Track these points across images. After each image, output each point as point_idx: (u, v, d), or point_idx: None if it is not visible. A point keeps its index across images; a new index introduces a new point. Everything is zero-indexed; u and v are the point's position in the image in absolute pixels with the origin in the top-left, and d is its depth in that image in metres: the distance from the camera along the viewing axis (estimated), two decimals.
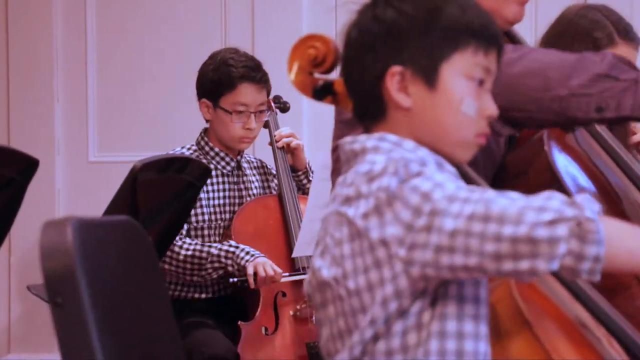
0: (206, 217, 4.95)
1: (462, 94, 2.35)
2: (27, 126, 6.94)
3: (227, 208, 5.01)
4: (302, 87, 2.63)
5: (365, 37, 2.38)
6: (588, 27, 3.78)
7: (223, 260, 4.76)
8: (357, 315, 2.28)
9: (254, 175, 5.18)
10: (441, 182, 2.20)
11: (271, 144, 5.16)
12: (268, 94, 5.11)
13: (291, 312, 4.77)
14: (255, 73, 4.97)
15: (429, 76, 2.33)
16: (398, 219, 2.19)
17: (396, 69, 2.33)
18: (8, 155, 3.18)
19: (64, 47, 6.93)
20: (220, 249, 4.78)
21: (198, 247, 4.79)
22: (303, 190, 5.07)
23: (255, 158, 5.34)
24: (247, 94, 4.90)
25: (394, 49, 2.34)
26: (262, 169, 5.26)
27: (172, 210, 4.17)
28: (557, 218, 2.10)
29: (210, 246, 4.80)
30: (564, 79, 2.86)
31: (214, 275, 4.80)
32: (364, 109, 2.42)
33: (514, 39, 3.29)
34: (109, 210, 3.79)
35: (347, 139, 2.39)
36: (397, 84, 2.33)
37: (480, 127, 2.38)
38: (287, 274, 4.80)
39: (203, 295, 4.99)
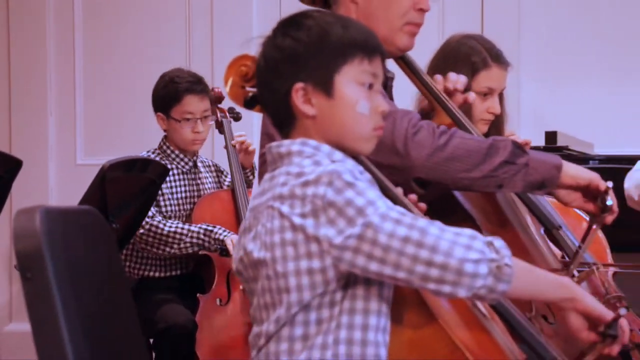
0: (171, 207, 4.97)
1: (356, 98, 2.37)
2: (25, 136, 6.91)
3: (188, 200, 5.02)
4: (235, 98, 2.64)
5: (270, 63, 2.40)
6: (467, 52, 3.79)
7: (202, 237, 4.78)
8: (282, 293, 2.29)
9: (208, 173, 5.19)
10: (373, 200, 2.23)
11: (226, 147, 5.15)
12: (211, 102, 5.12)
13: (241, 287, 4.68)
14: (196, 86, 5.00)
15: (326, 87, 2.35)
16: (332, 223, 2.22)
17: (299, 85, 2.35)
18: None
19: (56, 71, 6.87)
20: (200, 228, 4.81)
21: (180, 225, 4.82)
22: (249, 184, 5.06)
23: (209, 160, 5.34)
24: (191, 103, 4.94)
25: (295, 70, 2.36)
26: (214, 167, 5.27)
27: (136, 203, 4.18)
28: (481, 258, 2.20)
29: (190, 225, 4.84)
30: (479, 164, 2.90)
31: (190, 250, 4.82)
32: (280, 120, 2.43)
33: (408, 64, 3.29)
34: (82, 203, 3.80)
35: (274, 143, 2.41)
36: (301, 97, 2.35)
37: (375, 122, 2.41)
38: None
39: (168, 274, 5.00)
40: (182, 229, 4.82)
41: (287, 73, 2.38)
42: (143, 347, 2.78)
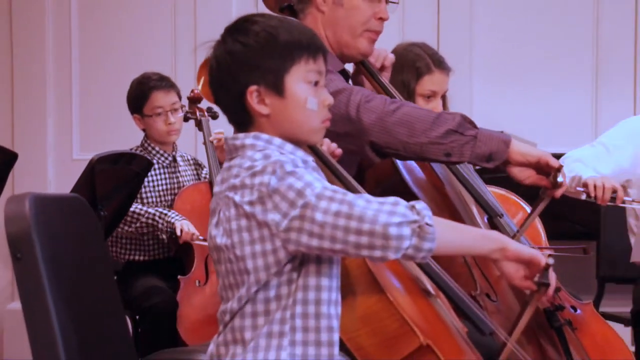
0: (152, 199, 4.97)
1: (305, 96, 2.36)
2: (26, 134, 6.88)
3: (168, 191, 5.02)
4: (207, 95, 2.65)
5: (223, 67, 2.38)
6: (412, 59, 3.79)
7: (156, 218, 4.78)
8: (243, 275, 2.30)
9: (187, 166, 5.18)
10: (310, 182, 2.23)
11: (204, 143, 5.12)
12: (191, 102, 5.14)
13: None
14: (161, 82, 5.03)
15: (278, 88, 2.34)
16: (277, 208, 2.22)
17: (253, 87, 2.33)
18: None
19: (55, 76, 6.84)
20: (156, 210, 4.83)
21: (140, 207, 4.82)
22: None
23: (188, 154, 5.34)
24: (159, 98, 4.96)
25: (247, 73, 2.34)
26: (193, 161, 5.27)
27: (123, 193, 4.18)
28: (404, 221, 2.18)
29: (149, 208, 4.84)
30: (426, 130, 2.89)
31: (145, 230, 4.82)
32: (236, 118, 2.42)
33: (366, 67, 3.30)
34: (73, 192, 3.79)
35: (230, 136, 2.40)
36: (256, 98, 2.33)
37: (323, 115, 2.40)
38: (202, 238, 4.79)
39: (151, 258, 5.00)
40: (141, 209, 4.83)
41: (241, 76, 2.36)
42: (124, 321, 2.77)
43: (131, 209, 4.76)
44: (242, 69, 2.36)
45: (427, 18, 6.29)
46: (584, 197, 3.97)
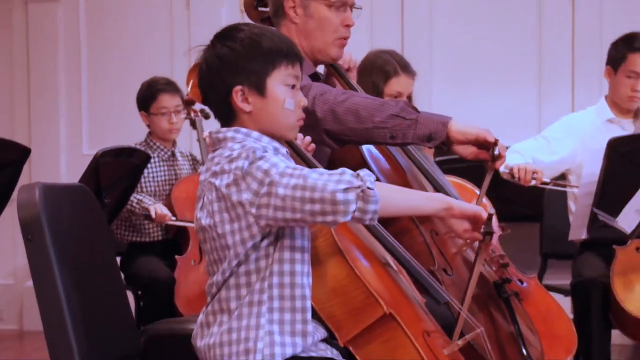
0: (152, 188, 4.95)
1: (283, 97, 2.39)
2: (41, 132, 6.89)
3: (167, 182, 5.00)
4: (195, 96, 2.64)
5: (212, 69, 2.40)
6: (381, 63, 3.81)
7: (134, 204, 4.74)
8: (225, 250, 2.32)
9: (185, 161, 5.15)
10: (276, 163, 2.25)
11: (198, 140, 5.14)
12: (186, 104, 5.11)
13: None
14: (168, 87, 5.02)
15: (260, 89, 2.37)
16: (249, 188, 2.24)
17: (238, 87, 2.36)
18: (10, 145, 3.17)
19: (66, 82, 6.85)
20: (135, 197, 4.75)
21: (133, 196, 4.75)
22: None
23: (187, 151, 5.32)
24: (165, 100, 4.95)
25: (233, 74, 2.37)
26: (191, 157, 5.24)
27: (124, 183, 4.17)
28: (349, 187, 2.19)
29: (136, 197, 4.78)
30: (370, 116, 2.89)
31: (125, 215, 4.78)
32: (222, 114, 2.43)
33: (336, 69, 3.30)
34: (80, 182, 3.76)
35: (215, 129, 2.43)
36: (240, 97, 2.36)
37: (298, 114, 2.44)
38: (174, 218, 4.81)
39: (152, 239, 4.97)
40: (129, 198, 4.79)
41: (227, 77, 2.38)
42: (124, 294, 2.75)
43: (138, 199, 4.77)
44: (229, 71, 2.38)
45: (392, 27, 6.30)
46: (510, 178, 4.00)
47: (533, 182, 3.93)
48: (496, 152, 2.90)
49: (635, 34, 4.41)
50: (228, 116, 2.42)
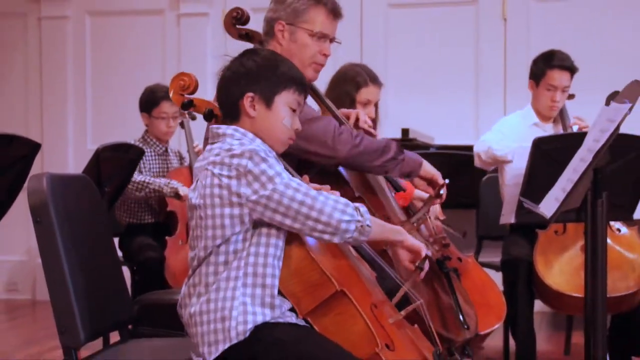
0: (150, 177, 4.89)
1: (284, 115, 2.42)
2: (52, 130, 6.89)
3: (160, 173, 4.95)
4: (176, 101, 2.64)
5: (234, 75, 2.42)
6: (353, 75, 3.77)
7: (163, 186, 4.68)
8: (209, 229, 2.31)
9: (174, 157, 5.11)
10: (280, 172, 2.29)
11: (186, 139, 5.09)
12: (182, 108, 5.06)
13: None
14: (168, 94, 4.92)
15: (268, 102, 2.40)
16: (249, 185, 2.26)
17: (250, 94, 2.39)
18: (23, 141, 3.14)
19: (73, 87, 6.88)
20: (161, 180, 4.73)
21: (152, 179, 4.71)
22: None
23: (175, 148, 5.27)
24: (166, 106, 4.88)
25: (250, 83, 2.39)
26: (178, 154, 5.19)
27: (121, 174, 4.14)
28: (352, 220, 2.31)
29: (157, 180, 4.73)
30: (376, 159, 3.04)
31: (153, 195, 4.72)
32: (228, 113, 2.43)
33: (314, 90, 3.29)
34: (83, 173, 3.73)
35: (215, 125, 2.44)
36: (249, 102, 2.39)
37: (290, 135, 2.46)
38: None
39: (145, 221, 4.93)
40: (151, 179, 4.74)
41: (244, 84, 2.40)
42: (120, 269, 2.73)
43: (142, 179, 4.71)
44: (248, 78, 2.41)
45: (353, 47, 6.32)
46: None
47: None
48: (442, 192, 3.13)
49: (554, 52, 4.42)
50: (233, 115, 2.43)
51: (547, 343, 5.17)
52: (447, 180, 3.19)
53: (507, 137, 4.37)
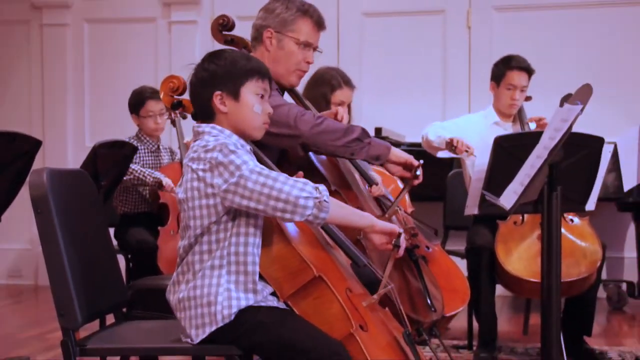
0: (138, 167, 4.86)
1: (253, 103, 2.39)
2: (53, 129, 6.86)
3: (153, 168, 4.91)
4: (167, 102, 2.65)
5: (200, 79, 2.40)
6: (328, 77, 3.79)
7: (146, 174, 4.67)
8: (191, 220, 2.31)
9: (166, 153, 5.07)
10: (247, 160, 2.26)
11: (177, 134, 5.00)
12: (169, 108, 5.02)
13: None
14: (153, 94, 4.89)
15: (235, 95, 2.37)
16: (221, 175, 2.24)
17: (218, 93, 2.36)
18: (26, 138, 3.11)
19: (73, 91, 6.87)
20: (146, 170, 4.72)
21: (140, 168, 4.70)
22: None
23: (167, 144, 5.24)
24: (151, 105, 4.85)
25: (215, 83, 2.37)
26: (170, 150, 5.17)
27: (116, 169, 4.11)
28: (310, 196, 2.23)
29: (144, 169, 4.72)
30: (339, 138, 2.93)
31: (135, 182, 4.71)
32: (203, 114, 2.42)
33: (296, 94, 3.27)
34: (81, 168, 3.70)
35: (196, 124, 2.43)
36: (219, 101, 2.36)
37: (264, 119, 2.43)
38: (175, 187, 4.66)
39: (139, 211, 4.90)
40: (137, 168, 4.71)
41: (211, 85, 2.38)
42: (115, 257, 2.71)
43: (134, 167, 4.69)
44: (213, 80, 2.38)
45: (329, 49, 6.31)
46: (449, 148, 3.98)
47: (464, 155, 3.93)
48: (418, 172, 3.00)
49: (512, 56, 4.47)
50: (208, 115, 2.41)
51: (507, 324, 5.19)
52: (421, 161, 3.10)
53: (464, 131, 4.38)
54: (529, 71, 4.42)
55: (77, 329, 2.36)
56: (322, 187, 2.28)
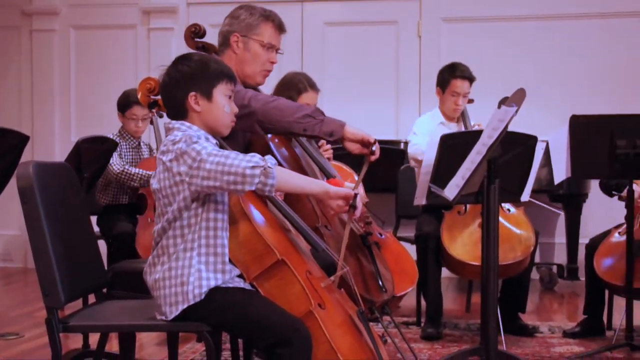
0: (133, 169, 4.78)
1: (224, 103, 2.37)
2: (41, 125, 6.76)
3: (133, 162, 4.83)
4: (144, 102, 2.61)
5: (173, 80, 2.38)
6: (295, 81, 3.74)
7: (140, 173, 4.63)
8: (166, 207, 2.30)
9: (145, 148, 4.98)
10: (205, 146, 2.23)
11: (154, 131, 5.02)
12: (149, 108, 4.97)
13: None
14: (138, 99, 4.83)
15: (209, 96, 2.35)
16: (185, 163, 2.22)
17: (192, 93, 2.33)
18: (14, 133, 3.07)
19: (60, 91, 6.77)
20: (147, 172, 4.64)
21: (141, 171, 4.63)
22: None
23: (147, 141, 5.15)
24: (136, 110, 4.75)
25: (189, 84, 2.34)
26: (148, 146, 5.07)
27: (98, 163, 4.06)
28: (255, 165, 2.19)
29: (144, 171, 4.64)
30: (291, 114, 2.82)
31: (138, 184, 4.64)
32: (176, 113, 2.38)
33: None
34: (66, 161, 3.65)
35: (167, 121, 2.40)
36: (193, 100, 2.34)
37: (232, 117, 2.42)
38: None
39: (120, 202, 4.81)
40: (140, 171, 4.65)
41: (184, 86, 2.35)
42: (95, 243, 2.67)
43: (135, 172, 4.63)
44: (187, 81, 2.36)
45: (294, 55, 6.32)
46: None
47: None
48: (374, 148, 2.84)
49: (456, 65, 4.49)
50: (181, 113, 2.38)
51: (452, 303, 5.23)
52: (376, 138, 2.95)
53: (421, 134, 4.42)
54: (471, 79, 4.45)
55: (60, 307, 2.33)
56: (269, 157, 2.24)
